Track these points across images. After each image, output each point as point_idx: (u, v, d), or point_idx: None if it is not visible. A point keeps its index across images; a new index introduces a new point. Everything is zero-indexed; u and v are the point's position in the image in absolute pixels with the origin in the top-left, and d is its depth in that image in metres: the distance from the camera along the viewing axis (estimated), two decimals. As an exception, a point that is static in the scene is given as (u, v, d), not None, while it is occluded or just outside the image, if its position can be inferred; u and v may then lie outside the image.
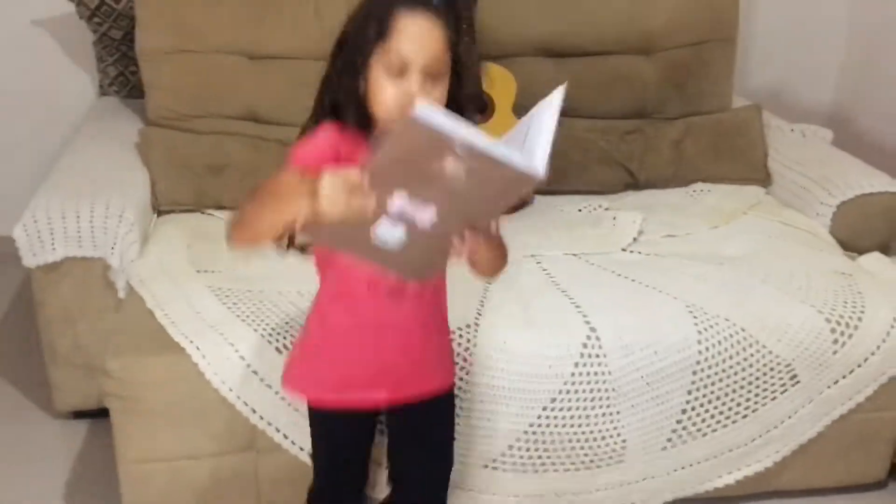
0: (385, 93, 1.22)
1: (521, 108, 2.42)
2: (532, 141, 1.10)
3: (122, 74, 2.63)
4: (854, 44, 3.10)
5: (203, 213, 2.26)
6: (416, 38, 1.21)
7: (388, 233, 1.13)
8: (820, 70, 3.16)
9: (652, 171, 2.50)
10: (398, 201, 1.10)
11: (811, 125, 2.64)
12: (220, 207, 2.26)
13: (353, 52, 1.25)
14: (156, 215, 2.24)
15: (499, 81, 2.41)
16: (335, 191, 1.08)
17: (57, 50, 2.76)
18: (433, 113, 1.01)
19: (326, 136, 1.26)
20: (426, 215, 1.12)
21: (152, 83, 2.38)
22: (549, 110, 1.14)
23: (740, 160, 2.50)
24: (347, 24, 1.28)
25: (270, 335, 1.76)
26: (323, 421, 1.50)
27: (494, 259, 1.31)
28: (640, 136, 2.53)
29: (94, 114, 2.58)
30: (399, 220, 1.12)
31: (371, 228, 1.13)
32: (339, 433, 1.51)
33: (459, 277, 1.37)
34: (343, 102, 1.26)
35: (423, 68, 1.22)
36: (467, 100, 1.30)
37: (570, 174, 2.46)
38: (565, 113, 2.80)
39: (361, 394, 1.43)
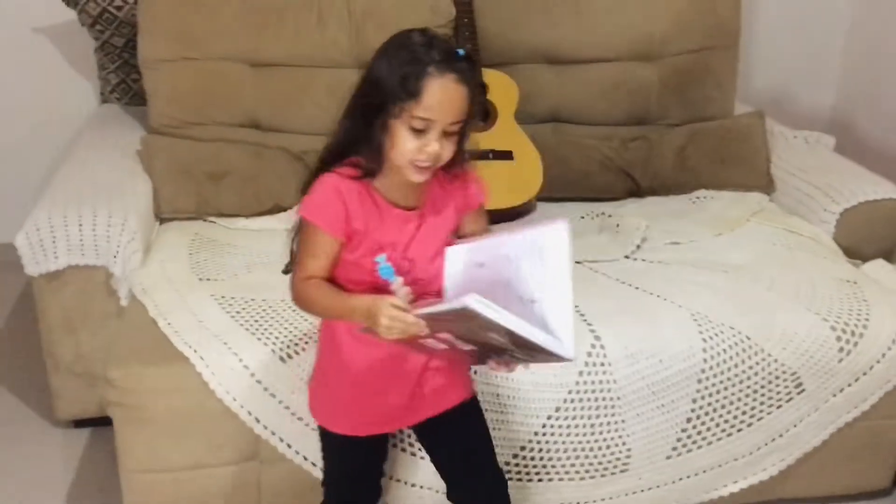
0: (405, 146, 1.29)
1: (523, 113, 2.42)
2: (556, 313, 1.24)
3: (123, 82, 2.62)
4: (856, 50, 3.10)
5: (205, 220, 2.25)
6: (442, 101, 1.27)
7: (433, 343, 1.30)
8: (822, 76, 3.16)
9: (655, 178, 2.49)
10: (446, 335, 1.26)
11: (814, 132, 2.64)
12: (222, 215, 2.26)
13: (377, 106, 1.29)
14: (158, 223, 2.23)
15: (501, 88, 2.41)
16: (391, 330, 1.24)
17: (59, 57, 2.75)
18: (484, 306, 1.15)
19: (332, 188, 1.34)
20: (465, 347, 1.30)
21: (154, 91, 2.38)
22: (560, 260, 1.25)
23: (743, 167, 2.50)
24: (373, 74, 1.31)
25: (274, 345, 1.75)
26: (338, 442, 1.51)
27: None
28: (643, 142, 2.53)
29: (96, 121, 2.58)
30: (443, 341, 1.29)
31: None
32: (355, 453, 1.53)
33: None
34: (360, 148, 1.33)
35: (444, 128, 1.28)
36: (464, 140, 1.35)
37: (572, 181, 2.46)
38: (568, 119, 2.82)
39: (384, 424, 1.51)
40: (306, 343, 1.76)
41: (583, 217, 2.37)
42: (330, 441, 1.53)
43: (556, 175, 2.40)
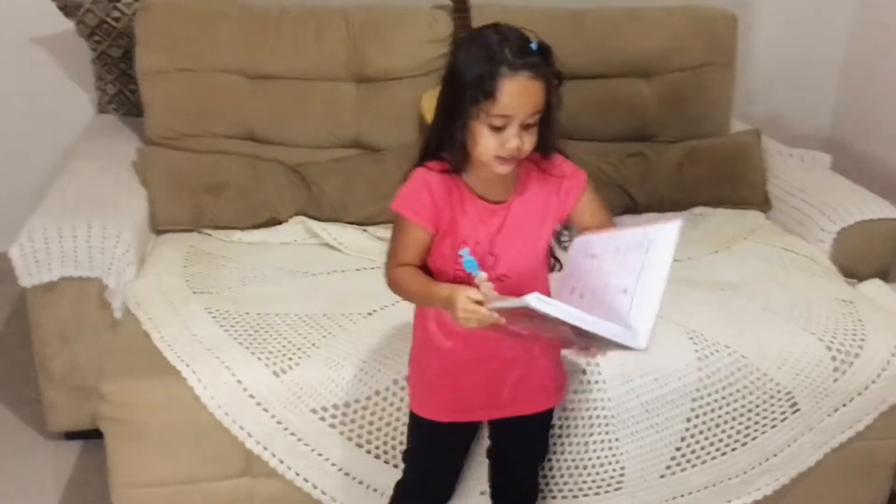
0: (486, 143, 1.32)
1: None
2: (640, 304, 1.24)
3: (120, 93, 2.62)
4: (852, 69, 3.11)
5: (201, 232, 2.24)
6: (518, 98, 1.29)
7: (518, 329, 1.33)
8: (818, 95, 3.17)
9: (652, 195, 2.49)
10: (515, 328, 1.30)
11: (810, 150, 2.64)
12: (218, 227, 2.25)
13: (456, 107, 1.33)
14: (153, 235, 2.23)
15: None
16: (468, 321, 1.29)
17: (56, 67, 2.75)
18: (543, 304, 1.18)
19: (422, 181, 1.38)
20: (546, 334, 1.35)
21: (151, 102, 2.38)
22: (665, 258, 1.24)
23: (740, 185, 2.50)
24: (451, 73, 1.35)
25: (268, 359, 1.74)
26: (430, 428, 1.54)
27: None
28: (641, 159, 2.53)
29: (93, 132, 2.57)
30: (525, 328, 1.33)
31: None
32: (435, 439, 1.57)
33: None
34: (446, 148, 1.37)
35: (522, 122, 1.31)
36: (546, 128, 1.37)
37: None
38: (566, 135, 2.82)
39: (475, 414, 1.55)
40: (300, 358, 1.75)
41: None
42: (414, 421, 1.58)
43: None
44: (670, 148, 2.55)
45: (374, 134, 2.46)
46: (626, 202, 2.49)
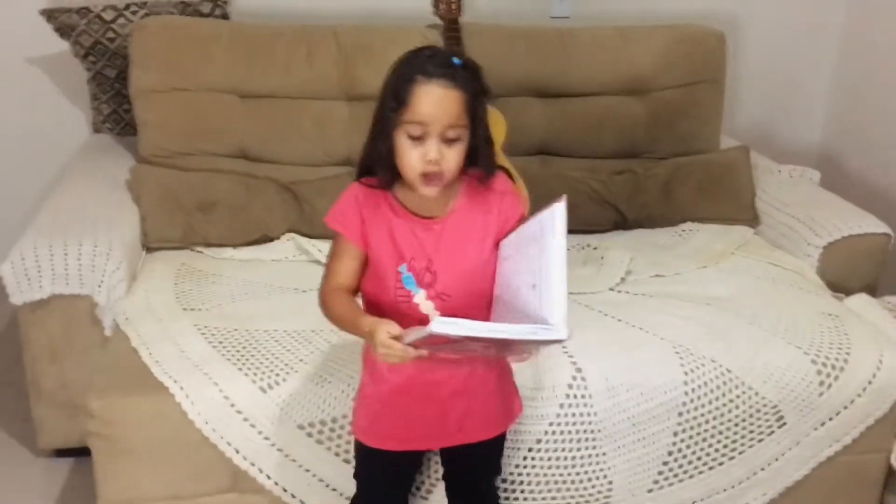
0: (408, 156, 1.31)
1: (511, 145, 2.43)
2: (548, 294, 1.22)
3: (115, 112, 2.65)
4: (841, 85, 3.13)
5: (192, 250, 2.26)
6: (431, 106, 1.28)
7: (448, 355, 1.31)
8: (808, 111, 3.19)
9: (641, 211, 2.51)
10: (443, 355, 1.28)
11: (798, 166, 2.66)
12: (209, 244, 2.27)
13: (380, 119, 1.34)
14: (145, 252, 2.24)
15: (489, 121, 2.42)
16: (388, 355, 1.26)
17: (51, 87, 2.77)
18: (447, 326, 1.17)
19: (351, 196, 1.39)
20: (478, 353, 1.32)
21: (145, 121, 2.40)
22: (554, 240, 1.25)
23: (729, 200, 2.51)
24: (380, 92, 1.35)
25: (255, 375, 1.75)
26: (375, 454, 1.52)
27: None
28: (630, 175, 2.55)
29: (87, 151, 2.60)
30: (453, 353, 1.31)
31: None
32: (379, 464, 1.54)
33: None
34: (374, 163, 1.36)
35: (441, 134, 1.30)
36: (481, 146, 1.37)
37: (558, 213, 2.47)
38: (556, 152, 2.83)
39: (420, 444, 1.53)
40: (287, 374, 1.76)
41: (568, 249, 2.35)
42: (358, 445, 1.56)
43: (543, 207, 2.41)
44: (659, 164, 2.57)
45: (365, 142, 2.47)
46: (616, 218, 2.51)
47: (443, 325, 1.17)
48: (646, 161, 2.60)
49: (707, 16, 2.83)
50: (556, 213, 1.26)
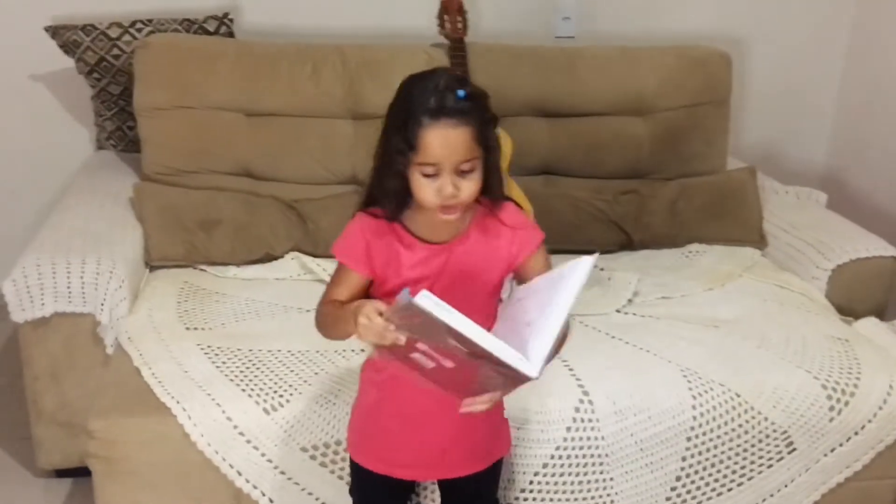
0: (424, 191, 1.31)
1: (515, 165, 2.42)
2: (538, 337, 1.20)
3: (119, 129, 2.64)
4: (847, 106, 3.13)
5: (195, 268, 2.24)
6: (441, 148, 1.28)
7: (421, 360, 1.25)
8: (814, 132, 3.19)
9: (647, 232, 2.49)
10: (421, 345, 1.22)
11: (805, 188, 2.65)
12: (213, 263, 2.25)
13: (387, 154, 1.33)
14: (148, 270, 2.23)
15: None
16: (367, 328, 1.23)
17: (56, 104, 2.77)
18: (432, 304, 1.13)
19: (358, 227, 1.39)
20: (447, 363, 1.23)
21: (149, 138, 2.39)
22: (571, 289, 1.22)
23: (735, 222, 2.50)
24: (383, 130, 1.34)
25: (258, 396, 1.73)
26: (366, 477, 1.51)
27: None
28: (636, 196, 2.53)
29: (91, 168, 2.58)
30: (427, 356, 1.24)
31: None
32: (379, 487, 1.53)
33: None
34: (383, 197, 1.36)
35: (454, 169, 1.29)
36: (492, 172, 1.35)
37: (564, 234, 2.45)
38: (560, 172, 2.82)
39: (412, 472, 1.52)
40: (291, 395, 1.74)
41: (575, 270, 2.36)
42: (352, 463, 1.55)
43: (547, 227, 2.32)
44: (665, 185, 2.56)
45: (370, 171, 2.46)
46: (621, 239, 2.49)
47: (428, 301, 1.13)
48: (651, 182, 2.59)
49: (712, 36, 2.83)
50: (584, 268, 1.23)
